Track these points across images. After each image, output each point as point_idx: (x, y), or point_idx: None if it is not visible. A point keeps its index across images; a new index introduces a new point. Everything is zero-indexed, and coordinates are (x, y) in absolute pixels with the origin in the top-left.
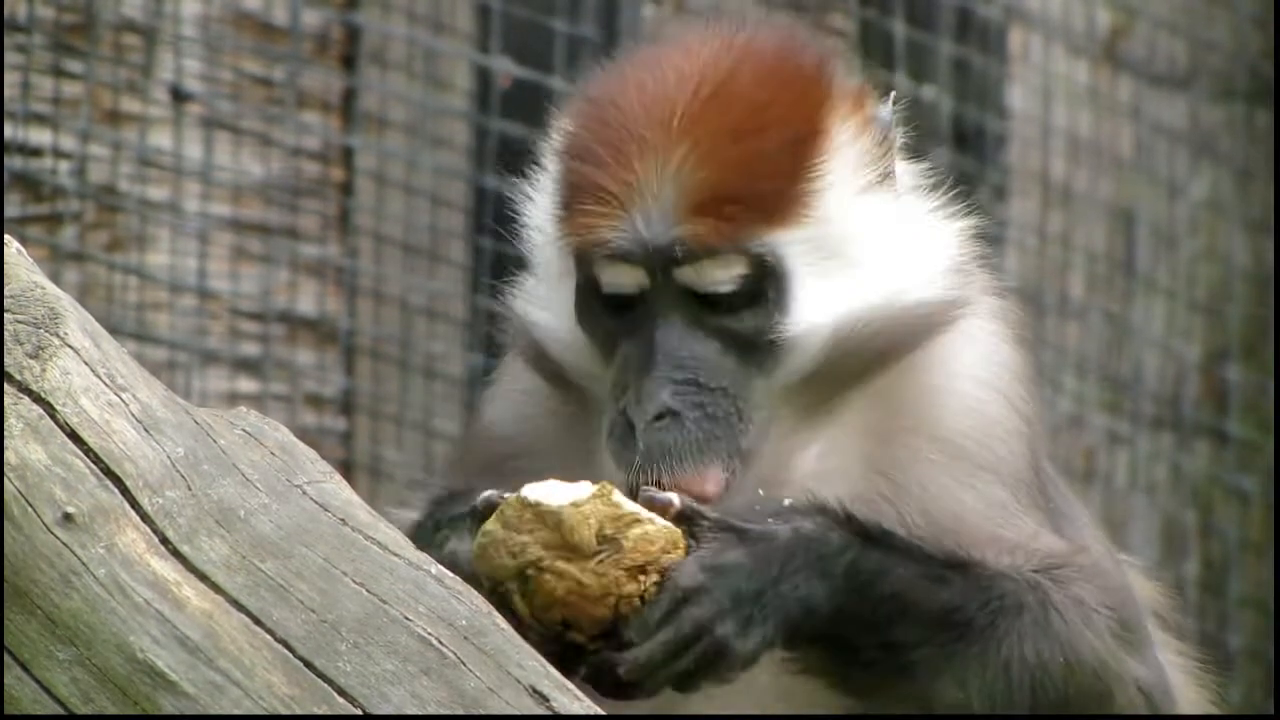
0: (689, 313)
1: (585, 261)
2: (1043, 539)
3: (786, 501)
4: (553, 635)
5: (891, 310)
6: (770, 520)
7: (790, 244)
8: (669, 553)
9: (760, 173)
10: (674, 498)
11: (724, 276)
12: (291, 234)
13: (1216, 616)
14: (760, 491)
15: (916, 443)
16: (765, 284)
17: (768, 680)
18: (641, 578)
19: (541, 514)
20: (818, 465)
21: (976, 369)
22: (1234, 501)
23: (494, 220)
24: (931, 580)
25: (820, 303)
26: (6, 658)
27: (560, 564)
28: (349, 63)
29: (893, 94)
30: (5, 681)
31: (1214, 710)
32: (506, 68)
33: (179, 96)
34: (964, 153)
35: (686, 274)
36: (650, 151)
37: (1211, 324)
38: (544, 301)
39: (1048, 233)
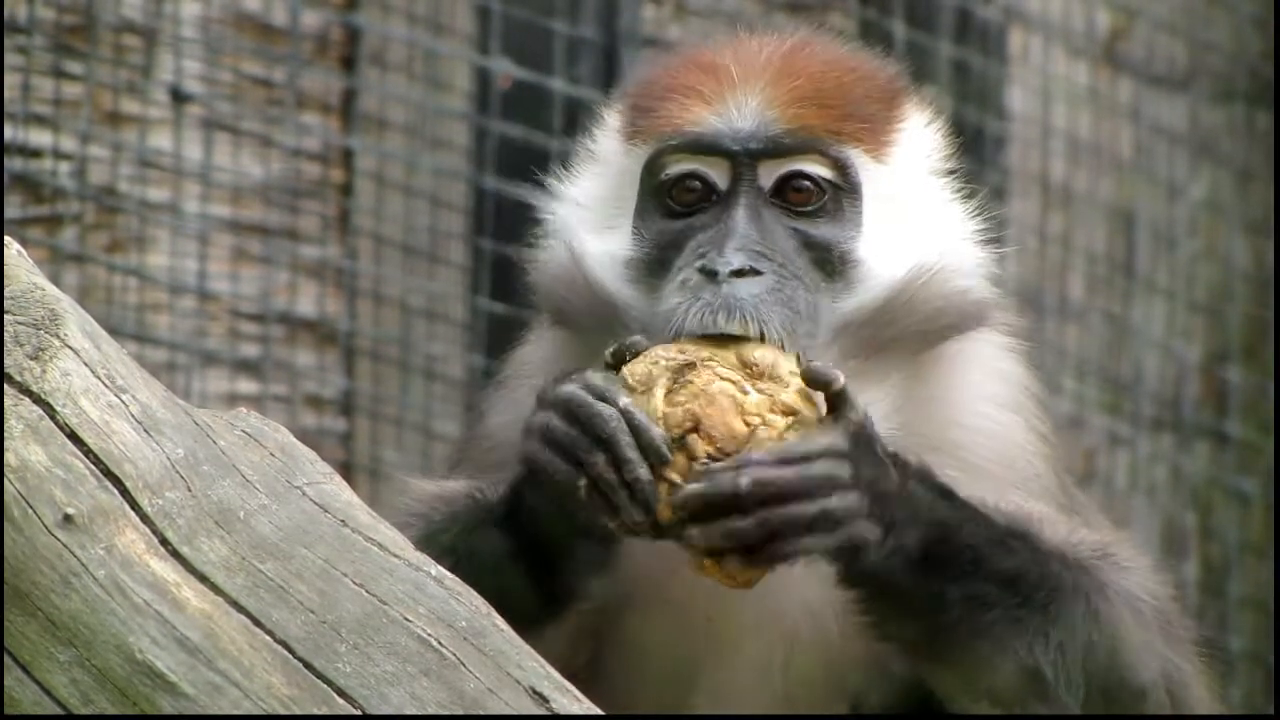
0: (768, 212)
1: (662, 165)
2: (1082, 531)
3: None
4: (674, 438)
5: (945, 282)
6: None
7: (870, 170)
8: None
9: (852, 96)
10: (839, 374)
11: (812, 170)
12: (291, 235)
13: (1217, 618)
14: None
15: (941, 462)
16: (844, 199)
17: (770, 679)
18: (789, 419)
19: (719, 338)
20: None
21: (994, 389)
22: (1234, 503)
23: (495, 222)
24: (999, 545)
25: (890, 240)
26: (7, 659)
27: (726, 369)
28: (349, 64)
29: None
30: (5, 683)
31: (1216, 710)
32: (506, 69)
33: (179, 98)
34: (964, 154)
35: (772, 167)
36: (746, 64)
37: (1211, 325)
38: (592, 229)
39: (1048, 234)
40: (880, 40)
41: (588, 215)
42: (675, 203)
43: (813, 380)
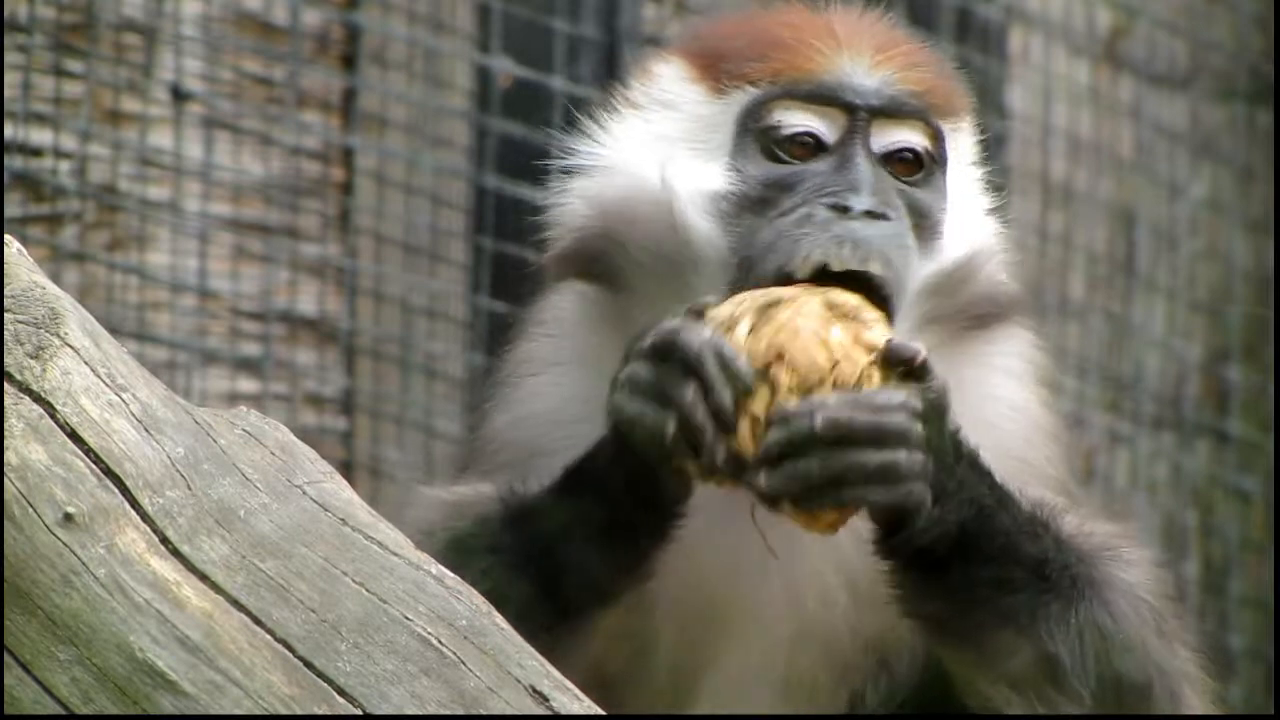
0: (879, 170)
1: (764, 109)
2: (1091, 525)
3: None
4: (759, 370)
5: (991, 269)
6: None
7: (952, 146)
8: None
9: (940, 73)
10: (920, 348)
11: (916, 140)
12: (292, 234)
13: (1217, 617)
14: None
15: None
16: (937, 169)
17: (772, 677)
18: (871, 356)
19: (802, 283)
20: None
21: (1015, 385)
22: (1234, 501)
23: (495, 221)
24: (1028, 532)
25: (961, 216)
26: (7, 658)
27: (811, 307)
28: (349, 62)
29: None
30: (6, 682)
31: (1215, 710)
32: (507, 68)
33: (179, 96)
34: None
35: (884, 128)
36: (848, 25)
37: (1212, 324)
38: (653, 167)
39: (1048, 233)
40: None
41: (644, 155)
42: (781, 150)
43: (894, 357)
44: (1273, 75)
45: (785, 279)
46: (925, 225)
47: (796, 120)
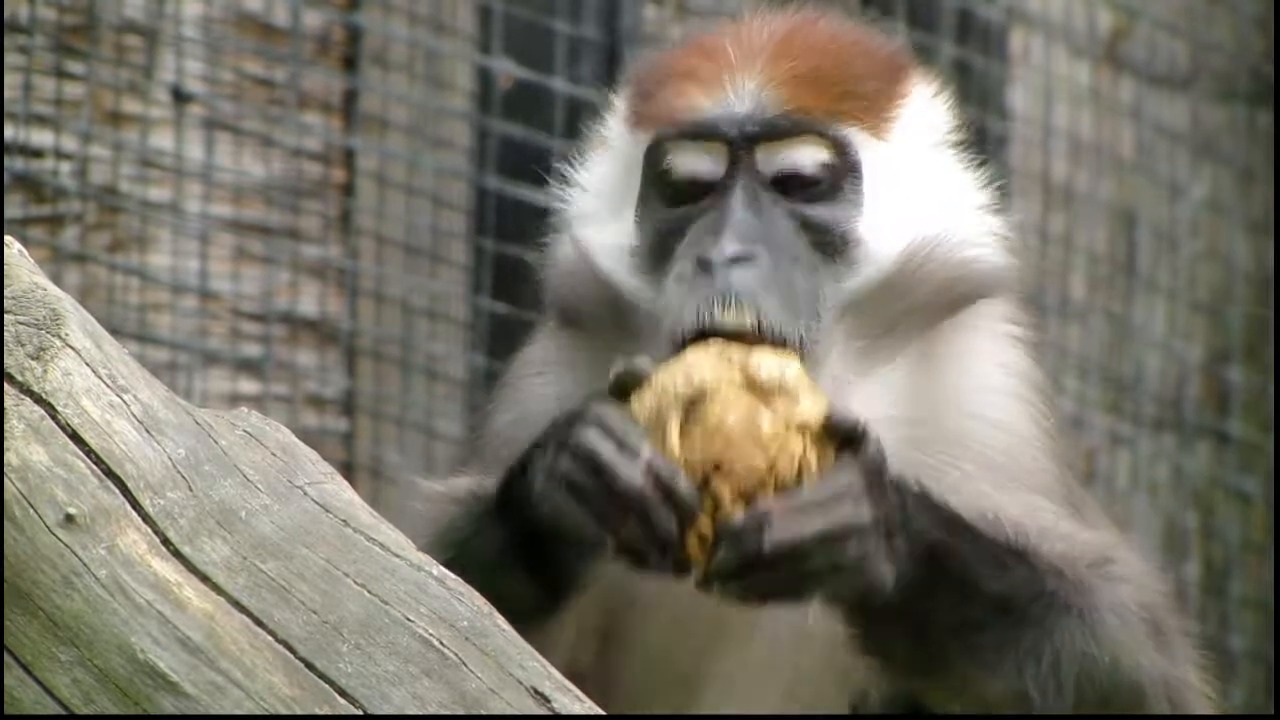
0: (766, 196)
1: (659, 151)
2: (1081, 537)
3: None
4: (697, 483)
5: (948, 254)
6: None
7: (870, 148)
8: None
9: (851, 75)
10: (857, 420)
11: (806, 159)
12: (293, 235)
13: (1218, 618)
14: None
15: (950, 452)
16: (843, 179)
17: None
18: (804, 439)
19: (726, 351)
20: None
21: (1003, 380)
22: (1235, 503)
23: (496, 222)
24: (995, 565)
25: (892, 217)
26: (8, 659)
27: (735, 394)
28: (350, 64)
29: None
30: (7, 683)
31: (1215, 710)
32: (508, 69)
33: (180, 97)
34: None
35: (770, 151)
36: (744, 47)
37: (1213, 325)
38: (598, 225)
39: (1049, 234)
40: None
41: (595, 204)
42: (675, 190)
43: (834, 431)
44: (1273, 76)
45: (681, 343)
46: (830, 241)
47: (683, 161)
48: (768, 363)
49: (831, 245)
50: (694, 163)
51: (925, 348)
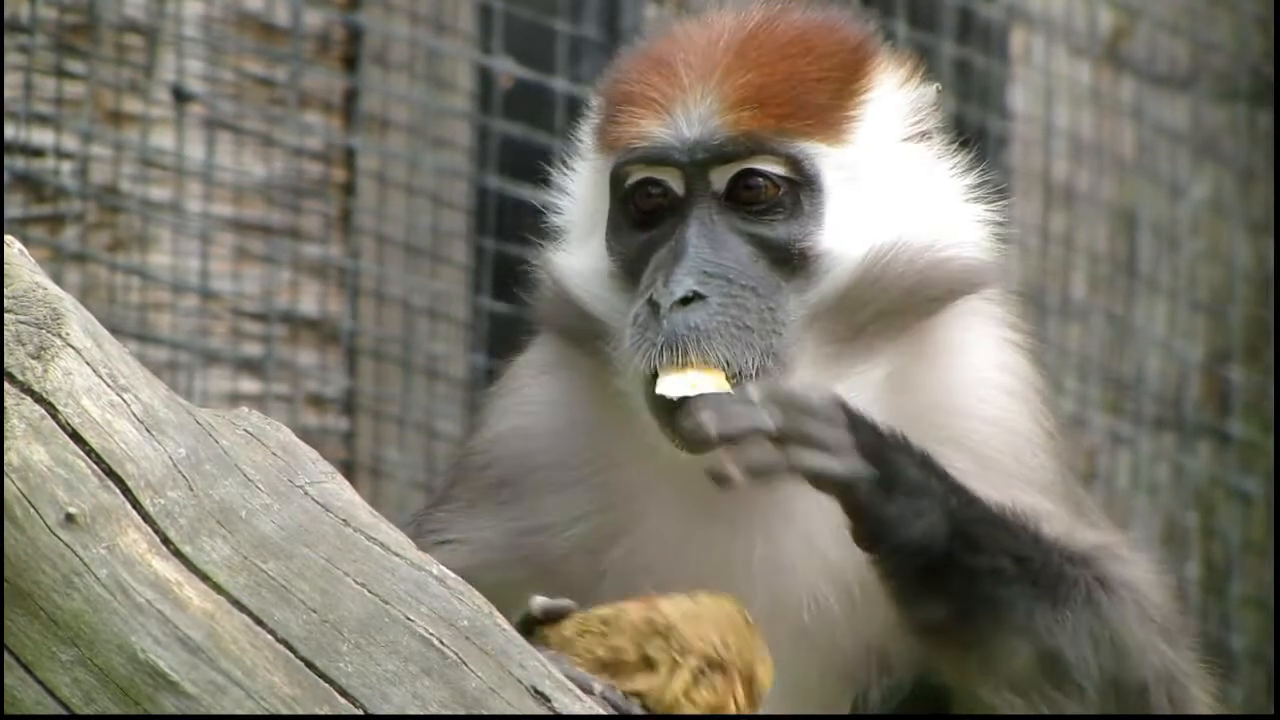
0: (723, 219)
1: (623, 175)
2: (1082, 530)
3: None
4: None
5: (921, 253)
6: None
7: (827, 158)
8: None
9: (803, 85)
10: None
11: (759, 179)
12: (293, 234)
13: (1218, 618)
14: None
15: (947, 453)
16: (800, 194)
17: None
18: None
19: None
20: None
21: (1001, 379)
22: (1236, 502)
23: (497, 221)
24: (1007, 531)
25: (854, 224)
26: (8, 659)
27: (719, 679)
28: (351, 63)
29: (936, 86)
30: (7, 682)
31: (1215, 710)
32: (508, 68)
33: (181, 97)
34: (966, 154)
35: (723, 173)
36: (696, 65)
37: (1213, 325)
38: (575, 245)
39: (1050, 233)
40: (882, 41)
41: (573, 222)
42: (639, 212)
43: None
44: (1273, 76)
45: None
46: (790, 256)
47: (642, 180)
48: (666, 609)
49: (790, 262)
50: (653, 189)
51: (911, 346)
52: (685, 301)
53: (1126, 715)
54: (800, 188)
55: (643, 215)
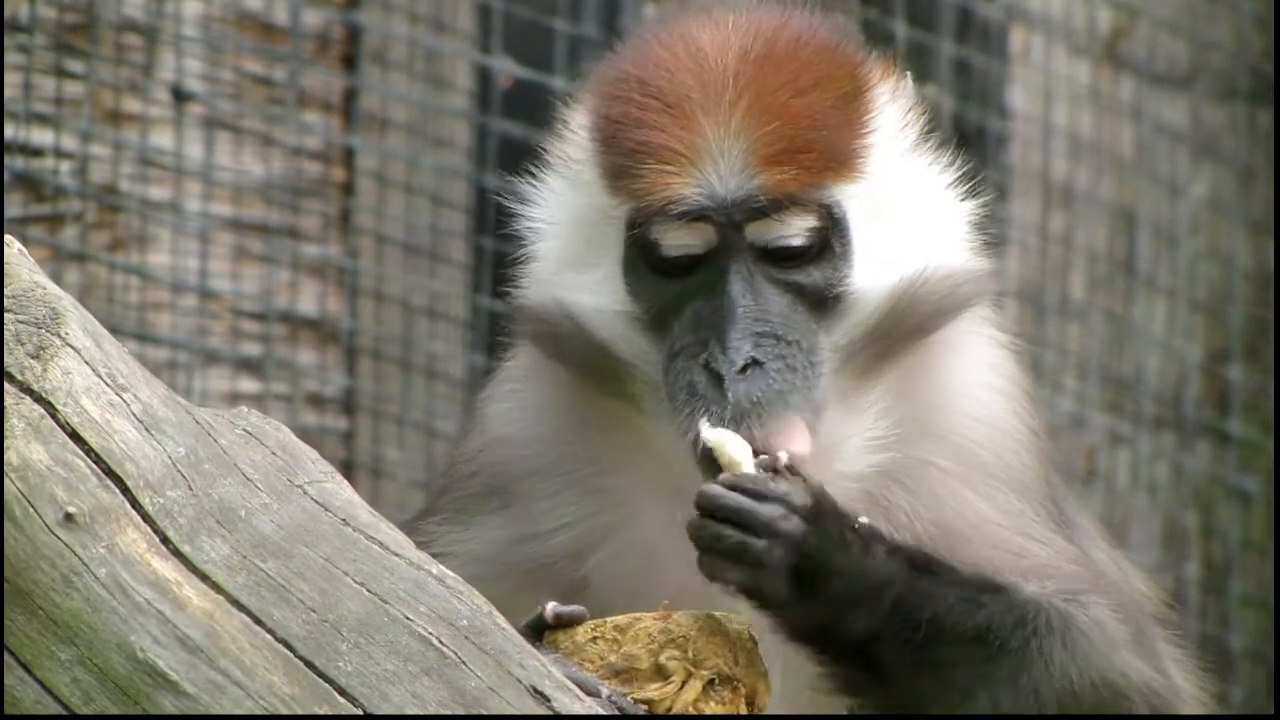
0: (759, 270)
1: (643, 226)
2: (1057, 546)
3: (862, 519)
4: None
5: (937, 274)
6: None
7: (853, 197)
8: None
9: (823, 125)
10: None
11: (797, 229)
12: (293, 234)
13: (1218, 617)
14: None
15: (930, 449)
16: (832, 237)
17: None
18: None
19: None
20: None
21: (987, 378)
22: (1235, 502)
23: (496, 220)
24: (968, 603)
25: (880, 258)
26: (8, 658)
27: (727, 693)
28: (350, 63)
29: (908, 75)
30: (7, 682)
31: (1214, 710)
32: (507, 68)
33: (180, 96)
34: (965, 153)
35: (760, 229)
36: (712, 109)
37: (1213, 324)
38: (582, 282)
39: (1049, 233)
40: (881, 40)
41: (564, 247)
42: (667, 263)
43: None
44: (1273, 75)
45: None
46: (825, 299)
47: (672, 239)
48: (676, 621)
49: (824, 305)
50: (683, 239)
51: (911, 355)
52: (745, 368)
53: (1121, 715)
54: (831, 232)
55: (670, 266)
